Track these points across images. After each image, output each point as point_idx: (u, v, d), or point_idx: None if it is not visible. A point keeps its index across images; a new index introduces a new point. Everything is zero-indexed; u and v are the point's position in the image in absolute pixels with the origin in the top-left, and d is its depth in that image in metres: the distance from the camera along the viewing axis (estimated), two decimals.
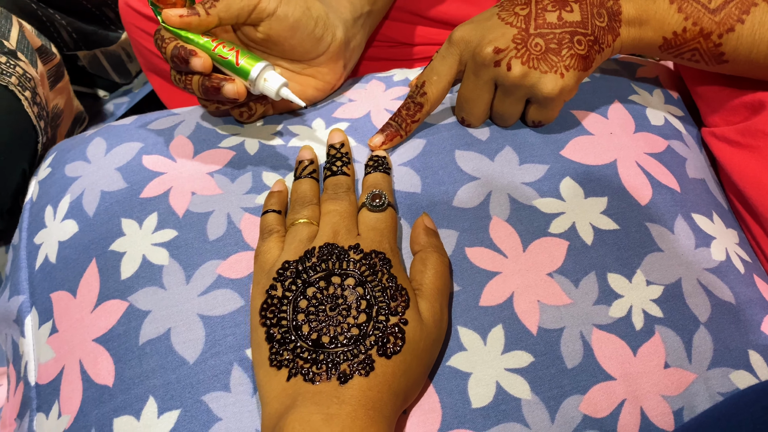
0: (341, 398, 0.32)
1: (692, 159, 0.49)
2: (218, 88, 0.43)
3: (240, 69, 0.44)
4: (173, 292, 0.41)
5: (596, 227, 0.43)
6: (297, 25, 0.45)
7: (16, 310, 0.45)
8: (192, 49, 0.43)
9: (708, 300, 0.41)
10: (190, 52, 0.42)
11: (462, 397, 0.37)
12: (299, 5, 0.45)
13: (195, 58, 0.42)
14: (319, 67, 0.49)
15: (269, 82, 0.44)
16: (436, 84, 0.46)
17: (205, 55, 0.43)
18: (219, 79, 0.43)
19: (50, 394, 0.41)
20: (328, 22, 0.47)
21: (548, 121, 0.47)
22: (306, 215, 0.41)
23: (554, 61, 0.43)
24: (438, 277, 0.38)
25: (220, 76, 0.44)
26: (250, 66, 0.44)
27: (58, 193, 0.49)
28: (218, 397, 0.37)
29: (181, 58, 0.43)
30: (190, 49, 0.43)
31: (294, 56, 0.48)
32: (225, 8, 0.43)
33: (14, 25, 0.69)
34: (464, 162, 0.46)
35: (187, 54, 0.42)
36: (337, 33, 0.48)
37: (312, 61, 0.48)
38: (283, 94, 0.44)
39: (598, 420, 0.37)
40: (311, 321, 0.35)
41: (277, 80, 0.44)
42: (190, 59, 0.42)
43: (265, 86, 0.44)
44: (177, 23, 0.43)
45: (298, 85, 0.50)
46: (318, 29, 0.46)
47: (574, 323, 0.39)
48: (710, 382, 0.39)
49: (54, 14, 0.77)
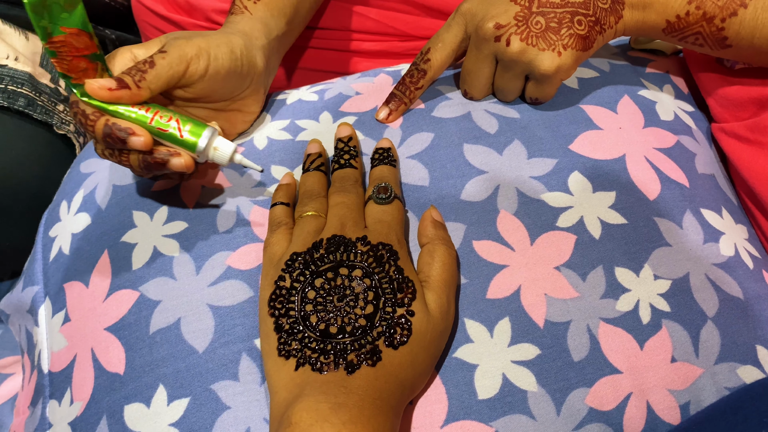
0: (348, 388, 0.32)
1: (702, 154, 0.49)
2: (163, 164, 0.39)
3: (184, 141, 0.40)
4: (183, 282, 0.41)
5: (604, 221, 0.43)
6: (227, 76, 0.43)
7: (30, 301, 0.46)
8: (128, 127, 0.38)
9: (716, 295, 0.41)
10: (127, 131, 0.38)
11: (468, 388, 0.37)
12: (225, 53, 0.43)
13: (134, 137, 0.38)
14: (243, 100, 0.47)
15: (220, 151, 0.41)
16: (440, 51, 0.48)
17: (145, 132, 0.38)
18: (163, 154, 0.39)
19: (63, 381, 0.41)
20: (249, 56, 0.45)
21: (545, 99, 0.48)
22: (314, 208, 0.41)
23: (553, 40, 0.44)
24: (445, 269, 0.38)
25: (163, 150, 0.39)
26: (196, 137, 0.40)
27: (72, 188, 0.50)
28: (227, 386, 0.38)
29: (117, 138, 0.38)
30: (125, 127, 0.38)
31: (219, 100, 0.45)
32: (155, 79, 0.39)
33: None
34: (472, 155, 0.46)
35: (124, 133, 0.38)
36: (258, 63, 0.47)
37: (235, 97, 0.47)
38: (237, 160, 0.42)
39: (604, 413, 0.37)
40: (319, 311, 0.36)
41: (227, 147, 0.41)
42: (128, 139, 0.38)
43: (215, 155, 0.41)
44: (107, 97, 0.38)
45: (226, 122, 0.47)
46: (243, 68, 0.45)
47: (580, 316, 0.39)
48: (717, 376, 0.39)
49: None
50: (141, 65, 0.39)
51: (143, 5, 0.67)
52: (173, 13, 0.66)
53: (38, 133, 0.64)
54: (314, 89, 0.55)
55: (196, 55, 0.41)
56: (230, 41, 0.44)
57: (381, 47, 0.66)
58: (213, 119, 0.46)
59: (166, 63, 0.40)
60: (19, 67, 0.65)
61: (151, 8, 0.67)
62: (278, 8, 0.51)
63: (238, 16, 0.49)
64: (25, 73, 0.65)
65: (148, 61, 0.39)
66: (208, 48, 0.42)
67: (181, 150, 0.40)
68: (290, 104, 0.53)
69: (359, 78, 0.55)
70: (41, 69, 0.69)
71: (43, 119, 0.64)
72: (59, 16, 0.35)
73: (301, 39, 0.66)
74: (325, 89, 0.54)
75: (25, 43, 0.69)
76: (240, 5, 0.50)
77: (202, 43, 0.42)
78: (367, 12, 0.64)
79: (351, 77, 0.56)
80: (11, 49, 0.66)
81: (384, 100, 0.49)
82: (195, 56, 0.41)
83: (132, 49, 0.42)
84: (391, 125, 0.49)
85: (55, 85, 0.68)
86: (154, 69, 0.39)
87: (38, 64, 0.69)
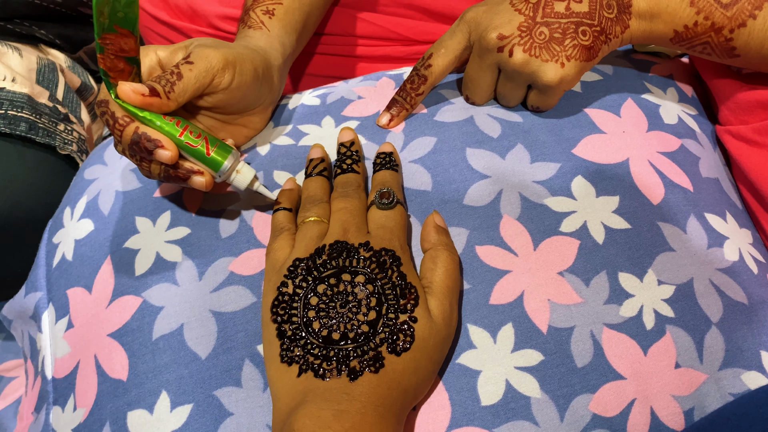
0: (351, 395, 0.32)
1: (706, 158, 0.49)
2: (185, 179, 0.40)
3: (210, 161, 0.40)
4: (186, 288, 0.41)
5: (608, 226, 0.42)
6: (247, 92, 0.44)
7: (33, 307, 0.46)
8: (157, 139, 0.38)
9: (720, 300, 0.41)
10: (156, 143, 0.38)
11: (471, 394, 0.37)
12: (249, 69, 0.43)
13: (162, 150, 0.38)
14: (251, 117, 0.47)
15: (241, 175, 0.41)
16: (442, 57, 0.48)
17: (173, 146, 0.38)
18: (187, 171, 0.39)
19: (66, 387, 0.42)
20: (268, 75, 0.46)
21: (547, 108, 0.48)
22: (316, 213, 0.41)
23: (556, 51, 0.44)
24: (448, 275, 0.38)
25: (186, 167, 0.40)
26: (222, 158, 0.40)
27: (76, 195, 0.50)
28: (230, 392, 0.38)
29: (144, 149, 0.38)
30: (154, 138, 0.38)
31: (229, 113, 0.45)
32: (182, 92, 0.39)
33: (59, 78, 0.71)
34: (475, 160, 0.46)
35: (152, 145, 0.38)
36: (275, 83, 0.47)
37: (245, 113, 0.47)
38: (255, 187, 0.42)
39: (608, 419, 0.37)
40: (321, 318, 0.35)
41: (249, 173, 0.41)
42: (155, 151, 0.38)
43: (236, 178, 0.41)
44: (138, 102, 0.37)
45: (229, 135, 0.47)
46: (262, 87, 0.45)
47: (584, 322, 0.39)
48: (722, 382, 0.38)
49: (31, 26, 0.75)
50: (169, 76, 0.39)
51: (145, 11, 0.67)
52: (176, 19, 0.66)
53: (41, 158, 0.64)
54: (316, 93, 0.55)
55: (222, 69, 0.41)
56: (254, 58, 0.44)
57: (384, 52, 0.66)
58: (217, 129, 0.46)
59: (194, 76, 0.39)
60: (17, 89, 0.64)
61: (153, 14, 0.67)
62: (291, 24, 0.52)
63: (257, 32, 0.49)
64: (23, 95, 0.64)
65: (176, 72, 0.39)
66: (234, 62, 0.42)
67: (204, 168, 0.40)
68: (292, 109, 0.53)
69: (361, 81, 0.55)
70: (39, 87, 0.68)
71: (46, 142, 0.64)
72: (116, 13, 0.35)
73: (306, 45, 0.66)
74: (327, 93, 0.54)
75: (19, 60, 0.69)
76: (257, 19, 0.50)
77: (229, 56, 0.41)
78: (370, 17, 0.64)
79: (353, 81, 0.56)
80: (8, 70, 0.65)
81: (386, 106, 0.49)
82: (221, 69, 0.41)
83: (156, 50, 0.42)
84: (394, 130, 0.49)
85: (54, 103, 0.68)
86: (182, 81, 0.39)
87: (35, 82, 0.68)
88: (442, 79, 0.49)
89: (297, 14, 0.53)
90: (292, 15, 0.52)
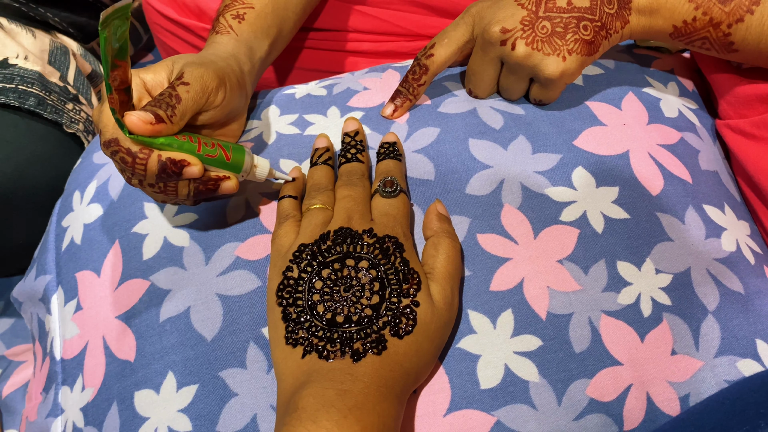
0: (354, 375, 0.33)
1: (705, 151, 0.50)
2: (215, 188, 0.40)
3: (231, 164, 0.40)
4: (193, 272, 0.42)
5: (607, 216, 0.43)
6: (234, 105, 0.44)
7: (43, 289, 0.47)
8: (182, 160, 0.38)
9: (717, 289, 0.41)
10: (182, 163, 0.38)
11: (471, 378, 0.38)
12: (234, 83, 0.43)
13: (190, 167, 0.38)
14: (229, 126, 0.47)
15: (260, 168, 0.42)
16: (445, 47, 0.48)
17: (197, 160, 0.38)
18: (215, 180, 0.40)
19: (75, 368, 0.42)
20: (243, 83, 0.46)
21: (549, 101, 0.49)
22: (321, 201, 0.42)
23: (558, 45, 0.44)
24: (449, 261, 0.39)
25: (213, 176, 0.40)
26: (241, 158, 0.41)
27: (85, 179, 0.51)
28: (234, 373, 0.39)
29: (173, 172, 0.38)
30: (179, 159, 0.37)
31: (212, 125, 0.44)
32: (182, 115, 0.39)
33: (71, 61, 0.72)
34: (477, 150, 0.46)
35: (179, 166, 0.38)
36: (249, 90, 0.47)
37: (225, 123, 0.46)
38: (274, 175, 0.43)
39: (605, 404, 0.38)
40: (326, 301, 0.36)
41: (265, 164, 0.43)
42: (183, 171, 0.38)
43: (256, 173, 0.42)
44: (148, 131, 0.37)
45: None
46: (242, 98, 0.45)
47: (582, 309, 0.40)
48: (717, 369, 0.39)
49: (46, 12, 0.76)
50: (168, 99, 0.38)
51: (153, 8, 0.68)
52: (183, 16, 0.67)
53: (49, 133, 0.65)
54: (323, 84, 0.56)
55: (216, 87, 0.41)
56: (234, 69, 0.44)
57: (389, 47, 0.66)
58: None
59: (192, 97, 0.39)
60: (29, 66, 0.66)
61: (161, 11, 0.68)
62: (262, 29, 0.51)
63: (224, 37, 0.48)
64: (35, 72, 0.65)
65: (174, 95, 0.38)
66: (224, 77, 0.42)
67: (228, 172, 0.40)
68: (299, 99, 0.54)
69: (367, 73, 0.56)
70: (50, 67, 0.69)
71: (53, 118, 0.65)
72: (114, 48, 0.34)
73: (309, 41, 0.66)
74: (333, 84, 0.55)
75: (33, 41, 0.70)
76: (225, 24, 0.49)
77: (218, 71, 0.42)
78: (375, 12, 0.64)
79: (359, 72, 0.57)
80: (21, 48, 0.67)
81: (390, 97, 0.50)
82: (215, 88, 0.41)
83: (140, 74, 0.41)
84: (398, 120, 0.49)
85: (64, 83, 0.69)
86: (181, 104, 0.38)
87: (47, 62, 0.69)
88: (443, 69, 0.50)
89: (270, 18, 0.52)
90: (264, 19, 0.51)
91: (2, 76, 0.62)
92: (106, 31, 0.32)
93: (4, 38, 0.66)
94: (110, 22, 0.32)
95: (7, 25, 0.69)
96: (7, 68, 0.64)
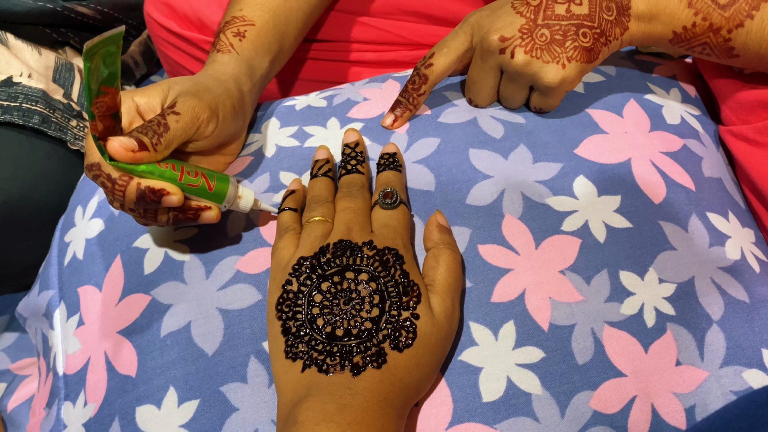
0: (354, 389, 0.33)
1: (708, 158, 0.49)
2: (195, 218, 0.40)
3: (214, 194, 0.40)
4: (194, 286, 0.42)
5: (609, 225, 0.43)
6: (228, 131, 0.44)
7: (46, 304, 0.47)
8: (161, 189, 0.37)
9: (721, 298, 0.41)
10: (161, 192, 0.37)
11: (473, 391, 0.37)
12: (228, 110, 0.43)
13: (169, 197, 0.38)
14: (228, 146, 0.47)
15: (244, 199, 0.42)
16: (444, 56, 0.48)
17: (177, 190, 0.38)
18: (195, 210, 0.40)
19: (77, 383, 0.42)
20: (243, 105, 0.45)
21: (549, 109, 0.49)
22: (321, 213, 0.42)
23: (557, 52, 0.44)
24: (450, 273, 0.38)
25: (194, 206, 0.40)
26: (224, 189, 0.40)
27: (87, 194, 0.51)
28: (236, 387, 0.38)
29: (151, 200, 0.37)
30: (158, 188, 0.37)
31: (208, 149, 0.44)
32: (168, 144, 0.38)
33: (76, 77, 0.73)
34: (478, 160, 0.46)
35: (158, 195, 0.37)
36: (248, 111, 0.47)
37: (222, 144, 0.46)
38: (258, 206, 0.43)
39: (609, 416, 0.37)
40: (325, 314, 0.36)
41: (250, 195, 0.42)
42: (162, 200, 0.38)
43: (240, 204, 0.42)
44: (129, 159, 0.36)
45: (209, 165, 0.46)
46: (238, 121, 0.45)
47: (585, 320, 0.39)
48: (723, 380, 0.39)
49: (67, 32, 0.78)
50: (156, 127, 0.38)
51: (155, 21, 0.69)
52: (185, 29, 0.67)
53: (53, 150, 0.66)
54: (323, 95, 0.56)
55: (207, 119, 0.41)
56: (231, 95, 0.44)
57: (390, 57, 0.66)
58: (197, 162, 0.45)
59: (180, 128, 0.39)
60: (33, 84, 0.66)
61: (163, 24, 0.68)
62: (263, 46, 0.51)
63: (225, 56, 0.48)
64: (39, 90, 0.66)
65: (163, 123, 0.38)
66: (216, 108, 0.42)
67: (209, 203, 0.40)
68: (299, 110, 0.54)
69: (367, 84, 0.56)
70: (54, 85, 0.70)
71: (58, 136, 0.65)
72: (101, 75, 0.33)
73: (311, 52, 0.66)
74: (333, 95, 0.55)
75: (38, 58, 0.71)
76: (226, 42, 0.49)
77: (211, 102, 0.41)
78: (375, 23, 0.64)
79: (359, 83, 0.57)
80: (25, 66, 0.67)
81: (390, 107, 0.50)
82: (206, 119, 0.41)
83: (133, 97, 0.41)
84: (398, 130, 0.49)
85: (68, 100, 0.69)
86: (168, 133, 0.38)
87: (51, 80, 0.70)
88: (443, 79, 0.50)
89: (271, 35, 0.51)
90: (265, 36, 0.51)
91: (6, 94, 0.63)
92: (92, 61, 0.32)
93: (8, 56, 0.67)
94: (97, 51, 0.32)
95: (13, 42, 0.69)
96: (11, 86, 0.64)
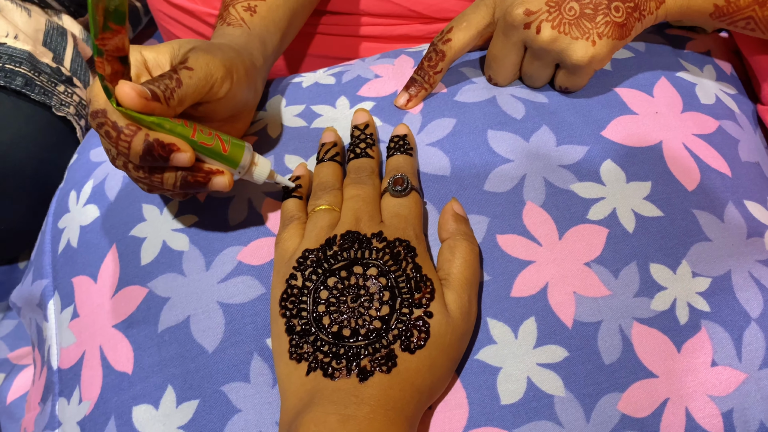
0: (360, 398, 0.30)
1: (745, 140, 0.46)
2: (205, 182, 0.36)
3: (228, 157, 0.37)
4: (193, 278, 0.40)
5: (638, 214, 0.40)
6: (239, 98, 0.41)
7: (40, 294, 0.45)
8: (171, 143, 0.34)
9: (760, 294, 0.38)
10: (171, 147, 0.34)
11: (491, 392, 0.35)
12: (242, 75, 0.40)
13: (179, 153, 0.34)
14: (236, 123, 0.44)
15: (260, 167, 0.38)
16: (463, 31, 0.45)
17: (189, 147, 0.34)
18: (206, 173, 0.36)
19: (71, 379, 0.41)
20: (254, 78, 0.43)
21: (576, 89, 0.46)
22: (327, 201, 0.39)
23: (587, 28, 0.41)
24: (467, 266, 0.36)
25: (205, 169, 0.36)
26: (239, 153, 0.37)
27: (82, 177, 0.49)
28: (238, 387, 0.36)
29: (158, 156, 0.34)
30: (168, 142, 0.34)
31: (214, 119, 0.41)
32: (181, 100, 0.35)
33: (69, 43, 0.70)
34: (497, 143, 0.43)
35: (167, 150, 0.34)
36: (259, 86, 0.45)
37: (229, 118, 0.43)
38: (274, 177, 0.40)
39: (639, 420, 0.35)
40: (332, 312, 0.34)
41: (266, 164, 0.39)
42: (171, 156, 0.34)
43: (254, 172, 0.38)
44: (140, 106, 0.33)
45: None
46: (250, 92, 0.42)
47: (612, 316, 0.37)
48: (762, 382, 0.36)
49: None
50: (168, 81, 0.35)
51: None
52: (188, 1, 0.64)
53: (36, 114, 0.64)
54: (331, 72, 0.53)
55: (222, 78, 0.38)
56: (243, 61, 0.41)
57: (402, 31, 0.63)
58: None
59: (193, 84, 0.36)
60: (19, 45, 0.64)
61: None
62: (274, 23, 0.49)
63: (237, 29, 0.46)
64: (24, 52, 0.64)
65: (176, 77, 0.35)
66: (231, 68, 0.39)
67: (223, 167, 0.37)
68: (306, 87, 0.51)
69: (378, 59, 0.53)
70: (43, 48, 0.68)
71: (41, 100, 0.63)
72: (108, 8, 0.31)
73: (320, 26, 0.64)
74: (342, 71, 0.52)
75: (27, 20, 0.68)
76: (237, 16, 0.47)
77: (226, 62, 0.38)
78: None
79: (370, 59, 0.54)
80: (11, 27, 0.65)
81: (404, 85, 0.47)
82: (220, 78, 0.38)
83: (141, 51, 0.38)
84: (411, 110, 0.46)
85: (58, 64, 0.67)
86: (181, 89, 0.35)
87: (40, 43, 0.68)
88: (461, 56, 0.47)
89: (281, 10, 0.49)
90: (276, 12, 0.49)
91: None
92: None
93: None
94: None
95: (2, 2, 0.67)
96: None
